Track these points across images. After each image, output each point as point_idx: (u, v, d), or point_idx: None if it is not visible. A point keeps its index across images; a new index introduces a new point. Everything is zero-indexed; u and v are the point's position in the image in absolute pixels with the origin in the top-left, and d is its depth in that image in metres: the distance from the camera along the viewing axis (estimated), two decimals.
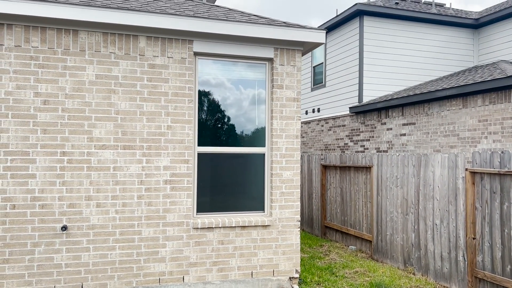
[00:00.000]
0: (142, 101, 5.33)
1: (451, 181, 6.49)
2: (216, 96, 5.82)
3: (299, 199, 5.93)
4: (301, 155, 11.37)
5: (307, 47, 6.01)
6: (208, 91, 5.78)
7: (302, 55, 6.10)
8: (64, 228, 5.03)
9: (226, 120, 5.86)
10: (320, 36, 5.71)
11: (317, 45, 5.85)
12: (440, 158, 6.72)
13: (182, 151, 5.47)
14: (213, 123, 5.83)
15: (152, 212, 5.36)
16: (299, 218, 5.91)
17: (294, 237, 5.88)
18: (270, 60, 5.87)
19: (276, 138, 5.83)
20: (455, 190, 6.43)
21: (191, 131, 5.52)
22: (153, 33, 5.35)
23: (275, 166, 5.82)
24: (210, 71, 5.77)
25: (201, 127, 5.71)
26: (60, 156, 5.06)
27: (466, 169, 6.17)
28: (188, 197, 5.49)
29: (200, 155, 5.66)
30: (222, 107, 5.85)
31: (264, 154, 5.92)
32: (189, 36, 5.47)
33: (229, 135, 5.89)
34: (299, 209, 5.91)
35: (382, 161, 8.06)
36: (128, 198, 5.27)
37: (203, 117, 5.76)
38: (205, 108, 5.78)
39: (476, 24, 13.43)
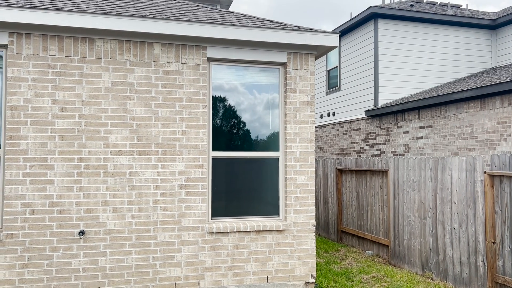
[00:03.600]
0: (157, 107, 5.39)
1: (470, 184, 6.38)
2: (230, 101, 5.85)
3: (314, 204, 5.90)
4: (316, 159, 11.32)
5: (320, 51, 6.01)
6: (222, 96, 5.82)
7: (316, 59, 6.09)
8: (82, 233, 5.10)
9: (239, 124, 5.88)
10: (333, 40, 5.70)
11: (330, 48, 5.84)
12: (458, 161, 6.62)
13: (197, 156, 5.51)
14: (227, 128, 5.86)
15: (168, 217, 5.40)
16: (314, 223, 5.88)
17: (310, 241, 5.85)
18: (284, 64, 5.88)
19: (290, 142, 5.82)
20: (473, 194, 6.32)
21: (205, 136, 5.55)
22: (167, 40, 5.42)
23: (289, 171, 5.81)
24: (224, 77, 5.81)
25: (215, 132, 5.74)
26: (77, 162, 5.15)
27: (485, 172, 6.06)
28: (203, 202, 5.52)
29: (214, 160, 5.69)
30: (236, 112, 5.87)
31: (278, 158, 5.92)
32: (203, 42, 5.53)
33: (243, 140, 5.91)
34: (314, 214, 5.89)
35: (399, 164, 7.97)
36: (144, 203, 5.33)
37: (217, 122, 5.80)
38: (219, 113, 5.81)
39: (494, 25, 13.22)
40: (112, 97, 5.26)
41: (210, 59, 5.65)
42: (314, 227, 5.88)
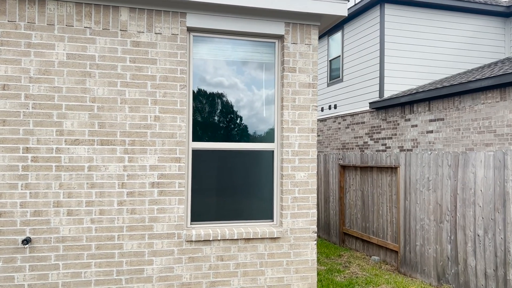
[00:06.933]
0: (123, 87, 4.38)
1: (498, 184, 5.41)
2: (215, 81, 4.84)
3: (316, 206, 4.92)
4: (316, 154, 10.34)
5: (325, 23, 5.00)
6: (205, 76, 4.80)
7: (320, 33, 5.09)
8: (27, 241, 4.10)
9: (226, 110, 4.88)
10: (341, 8, 4.70)
11: (337, 18, 4.84)
12: (484, 157, 5.64)
13: (173, 148, 4.51)
14: (211, 114, 4.85)
15: (136, 222, 4.40)
16: (316, 229, 4.90)
17: (310, 251, 4.87)
18: (281, 37, 4.88)
19: (287, 132, 4.82)
20: (503, 195, 5.35)
21: (184, 123, 4.55)
22: (137, 4, 4.41)
23: (286, 166, 4.82)
24: (207, 51, 4.79)
25: (196, 119, 4.74)
26: (22, 153, 4.15)
27: None
28: (180, 203, 4.52)
29: (195, 152, 4.69)
30: (222, 95, 4.87)
31: (272, 151, 4.93)
32: (182, 7, 4.51)
33: (231, 129, 4.91)
34: (316, 218, 4.90)
35: (411, 160, 6.99)
36: (106, 204, 4.33)
37: (199, 106, 4.79)
38: (202, 96, 4.80)
39: (508, 12, 12.25)
40: (67, 73, 4.25)
41: (190, 29, 4.64)
42: (316, 234, 4.90)
